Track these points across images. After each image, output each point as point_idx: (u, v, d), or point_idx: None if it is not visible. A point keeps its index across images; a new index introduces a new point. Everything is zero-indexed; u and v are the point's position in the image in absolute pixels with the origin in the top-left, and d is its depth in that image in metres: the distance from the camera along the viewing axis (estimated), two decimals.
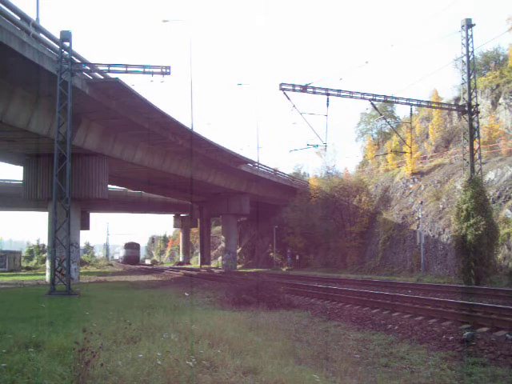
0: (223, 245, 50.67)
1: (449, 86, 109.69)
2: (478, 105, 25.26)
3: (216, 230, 72.34)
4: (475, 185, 23.20)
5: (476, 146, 25.28)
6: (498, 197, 28.51)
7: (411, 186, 38.60)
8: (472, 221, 22.44)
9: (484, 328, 10.19)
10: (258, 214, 53.74)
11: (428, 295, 17.33)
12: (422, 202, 32.81)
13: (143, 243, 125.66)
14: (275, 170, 52.54)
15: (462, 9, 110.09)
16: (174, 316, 10.77)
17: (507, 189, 28.46)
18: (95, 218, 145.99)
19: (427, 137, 45.44)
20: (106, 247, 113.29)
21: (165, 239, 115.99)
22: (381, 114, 35.46)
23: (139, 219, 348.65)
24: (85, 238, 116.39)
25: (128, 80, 23.31)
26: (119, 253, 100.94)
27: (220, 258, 58.73)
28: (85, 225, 53.70)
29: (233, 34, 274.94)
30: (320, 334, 10.37)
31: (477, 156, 25.26)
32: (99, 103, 23.03)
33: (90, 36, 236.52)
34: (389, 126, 51.00)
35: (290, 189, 51.39)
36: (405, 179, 39.75)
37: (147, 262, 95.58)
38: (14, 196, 43.34)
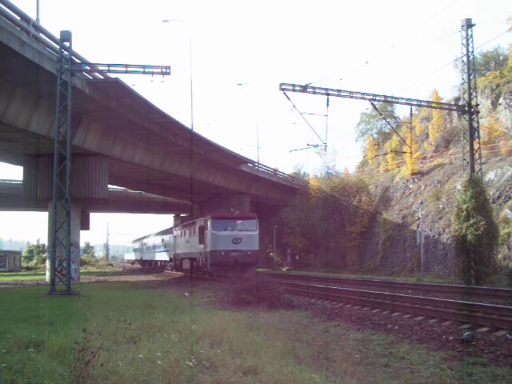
0: None
1: (449, 85, 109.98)
2: (477, 105, 25.25)
3: None
4: (475, 185, 23.20)
5: (476, 146, 25.27)
6: (498, 197, 28.51)
7: (411, 186, 38.60)
8: (472, 221, 22.44)
9: (484, 328, 10.19)
10: (258, 213, 53.61)
11: (428, 295, 17.32)
12: (421, 202, 32.80)
13: None
14: (275, 170, 52.51)
15: (462, 9, 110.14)
16: (174, 316, 10.78)
17: (507, 189, 28.46)
18: (95, 218, 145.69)
19: (427, 137, 45.44)
20: (106, 247, 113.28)
21: None
22: (381, 114, 35.47)
23: (139, 219, 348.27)
24: (85, 238, 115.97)
25: (128, 80, 23.31)
26: (177, 245, 41.00)
27: None
28: (85, 225, 53.59)
29: (233, 34, 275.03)
30: (320, 334, 10.37)
31: (477, 156, 25.26)
32: (99, 103, 23.02)
33: (90, 36, 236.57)
34: (389, 126, 51.01)
35: (289, 189, 51.36)
36: (405, 179, 39.76)
37: None
38: (14, 196, 43.26)
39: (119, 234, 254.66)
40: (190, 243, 34.74)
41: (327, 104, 22.29)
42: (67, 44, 19.13)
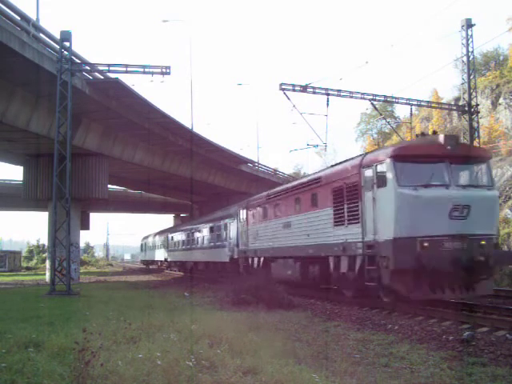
0: None
1: (449, 85, 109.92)
2: (478, 105, 25.26)
3: None
4: None
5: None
6: (498, 197, 28.47)
7: None
8: None
9: (484, 328, 10.18)
10: None
11: None
12: None
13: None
14: (275, 170, 52.53)
15: (462, 9, 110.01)
16: (173, 316, 10.77)
17: (507, 189, 28.44)
18: (95, 218, 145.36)
19: None
20: (106, 247, 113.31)
21: None
22: (381, 114, 35.45)
23: (139, 219, 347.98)
24: (85, 238, 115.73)
25: (128, 80, 23.34)
26: (254, 234, 21.65)
27: None
28: (85, 225, 53.56)
29: (233, 34, 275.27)
30: (320, 334, 10.35)
31: None
32: (99, 103, 23.03)
33: (90, 36, 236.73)
34: (389, 126, 50.99)
35: None
36: None
37: None
38: (14, 196, 43.28)
39: (119, 233, 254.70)
40: (300, 228, 17.31)
41: (327, 104, 22.27)
42: (67, 44, 19.14)
